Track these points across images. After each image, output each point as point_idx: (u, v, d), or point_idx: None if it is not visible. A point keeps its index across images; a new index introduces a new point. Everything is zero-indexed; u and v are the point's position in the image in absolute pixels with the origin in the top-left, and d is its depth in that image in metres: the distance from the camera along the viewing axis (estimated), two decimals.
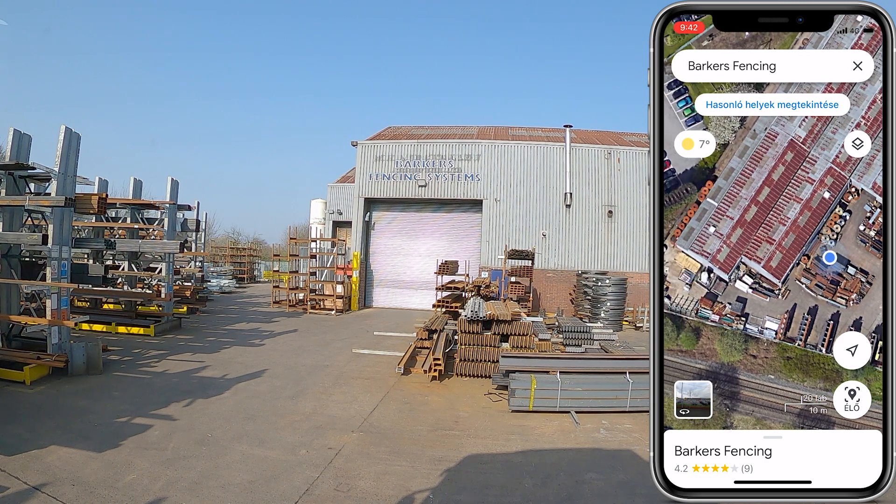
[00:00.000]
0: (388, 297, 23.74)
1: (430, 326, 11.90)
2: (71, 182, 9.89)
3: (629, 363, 8.79)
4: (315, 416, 7.67)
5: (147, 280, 16.00)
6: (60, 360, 9.06)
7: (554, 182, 21.89)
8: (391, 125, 28.59)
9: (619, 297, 17.78)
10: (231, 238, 52.53)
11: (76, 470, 5.44)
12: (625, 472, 5.92)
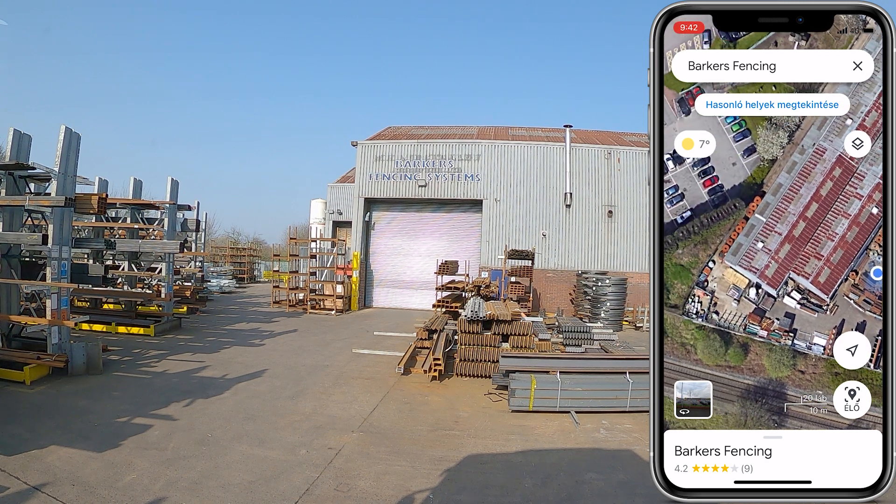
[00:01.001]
0: (388, 297, 23.73)
1: (430, 326, 11.90)
2: (71, 182, 9.89)
3: (629, 363, 8.78)
4: (315, 416, 7.67)
5: (147, 280, 16.00)
6: (60, 360, 9.06)
7: (554, 182, 21.89)
8: (391, 125, 28.60)
9: (619, 297, 17.78)
10: (231, 238, 52.53)
11: (76, 470, 5.44)
12: (625, 472, 5.92)
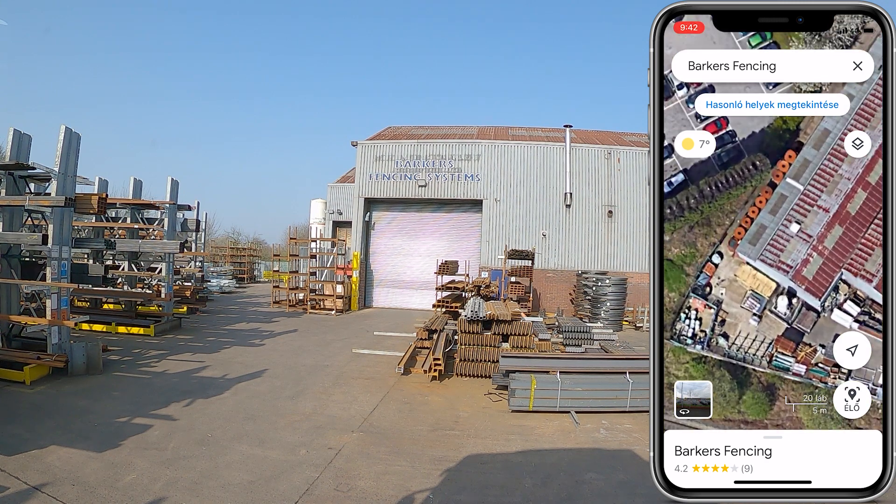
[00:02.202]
0: (388, 297, 23.73)
1: (430, 326, 11.90)
2: (71, 182, 9.89)
3: (629, 363, 8.79)
4: (315, 416, 7.67)
5: (147, 280, 16.00)
6: (60, 360, 9.06)
7: (554, 182, 21.89)
8: (391, 125, 28.60)
9: (619, 297, 17.78)
10: (231, 238, 52.53)
11: (76, 470, 5.44)
12: (625, 472, 5.92)
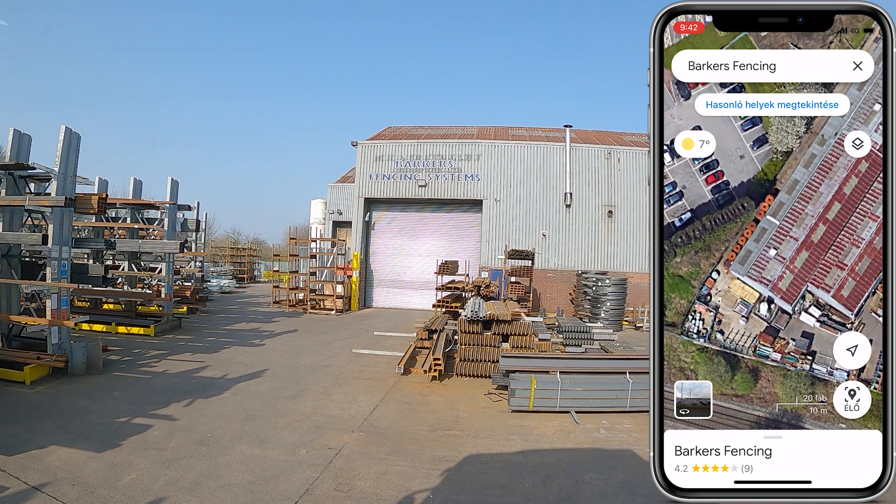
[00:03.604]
0: (388, 297, 23.73)
1: (430, 326, 11.90)
2: (71, 182, 9.89)
3: (629, 363, 8.79)
4: (315, 416, 7.66)
5: (147, 280, 16.00)
6: (60, 360, 9.06)
7: (554, 182, 21.89)
8: (391, 125, 28.59)
9: (619, 297, 17.78)
10: (231, 238, 52.52)
11: (76, 470, 5.44)
12: (625, 472, 5.92)
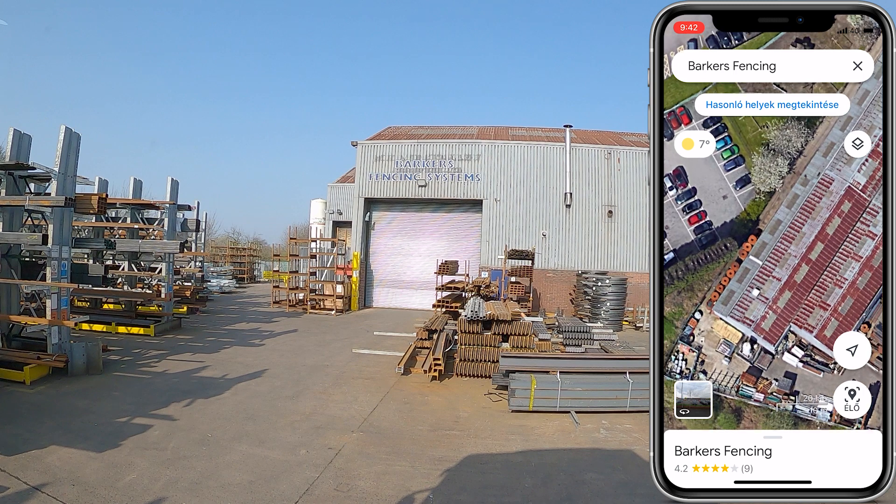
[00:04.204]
0: (388, 297, 23.73)
1: (430, 326, 11.90)
2: (71, 182, 9.89)
3: (629, 363, 8.78)
4: (315, 416, 7.66)
5: (147, 280, 16.00)
6: (60, 360, 9.06)
7: (554, 182, 21.89)
8: (391, 125, 28.60)
9: (619, 297, 17.78)
10: (231, 238, 52.54)
11: (76, 470, 5.43)
12: (625, 472, 5.92)
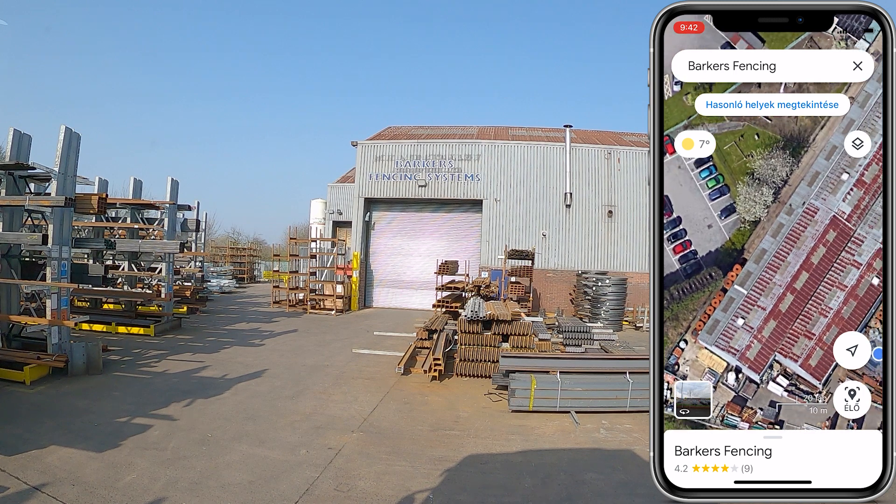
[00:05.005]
0: (388, 297, 23.73)
1: (430, 326, 11.90)
2: (71, 182, 9.88)
3: (629, 363, 8.78)
4: (315, 416, 7.66)
5: (147, 280, 16.00)
6: (60, 360, 9.06)
7: (554, 182, 21.89)
8: (391, 125, 28.60)
9: (619, 297, 17.78)
10: (231, 238, 52.55)
11: (76, 470, 5.44)
12: (625, 472, 5.92)
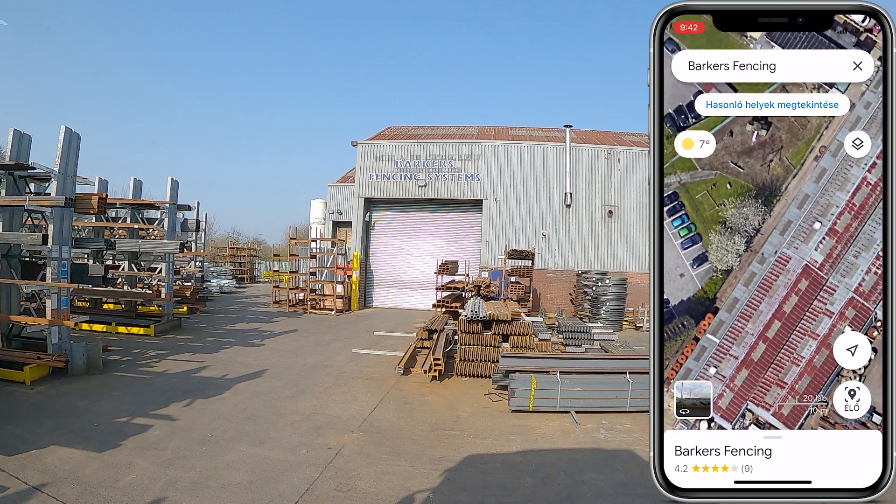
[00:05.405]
0: (388, 297, 23.73)
1: (430, 326, 11.90)
2: (71, 182, 9.88)
3: (629, 363, 8.78)
4: (315, 416, 7.66)
5: (147, 280, 16.00)
6: (60, 360, 9.06)
7: (554, 182, 21.89)
8: (391, 125, 28.60)
9: (619, 297, 17.78)
10: (231, 238, 52.54)
11: (76, 470, 5.43)
12: (625, 472, 5.92)
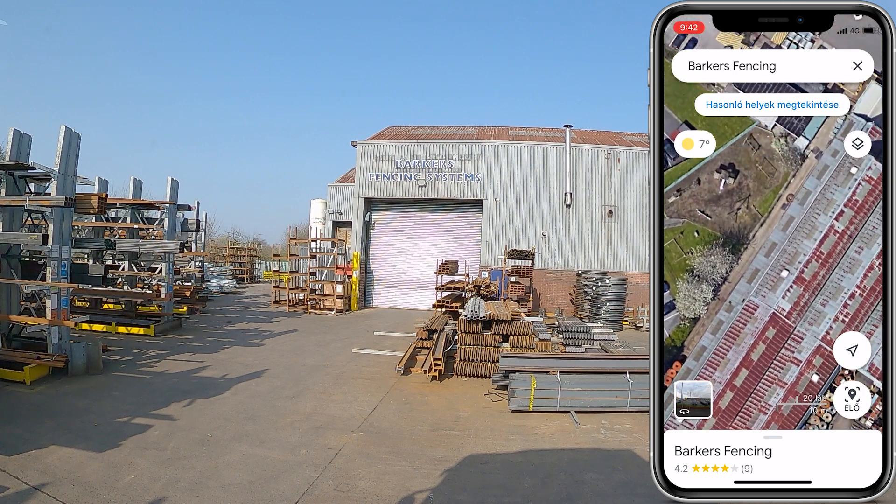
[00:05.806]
0: (388, 297, 23.73)
1: (430, 326, 11.90)
2: (71, 182, 9.89)
3: (629, 363, 8.78)
4: (315, 416, 7.67)
5: (147, 280, 16.01)
6: (60, 360, 9.06)
7: (554, 182, 21.89)
8: (391, 125, 28.61)
9: (619, 297, 17.78)
10: (231, 238, 52.55)
11: (76, 470, 5.44)
12: (625, 472, 5.92)
